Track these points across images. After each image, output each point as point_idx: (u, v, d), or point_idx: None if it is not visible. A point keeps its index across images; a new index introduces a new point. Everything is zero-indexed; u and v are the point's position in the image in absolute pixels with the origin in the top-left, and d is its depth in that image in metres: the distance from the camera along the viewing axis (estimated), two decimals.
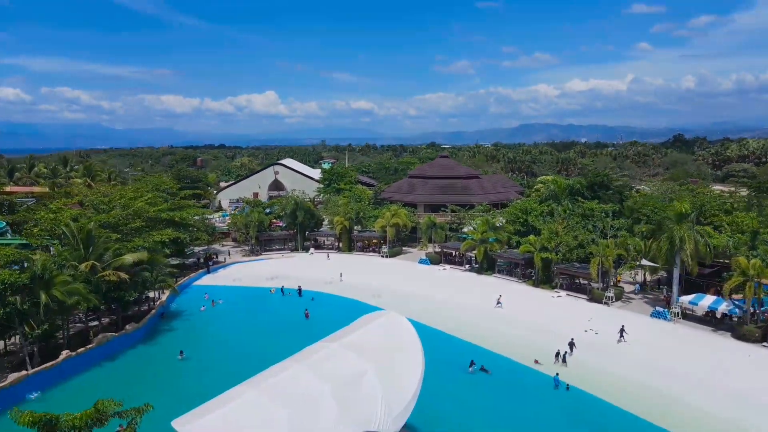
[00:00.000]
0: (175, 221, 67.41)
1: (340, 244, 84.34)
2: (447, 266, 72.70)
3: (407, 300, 59.04)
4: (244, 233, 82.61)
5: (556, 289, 60.10)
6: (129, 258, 45.59)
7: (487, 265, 68.63)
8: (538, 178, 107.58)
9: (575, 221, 63.04)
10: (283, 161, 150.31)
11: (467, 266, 71.71)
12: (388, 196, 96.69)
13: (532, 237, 62.37)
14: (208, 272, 71.86)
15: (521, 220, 70.64)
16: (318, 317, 53.02)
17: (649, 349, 43.82)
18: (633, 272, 61.06)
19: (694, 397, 35.93)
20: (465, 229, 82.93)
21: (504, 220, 69.91)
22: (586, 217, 63.40)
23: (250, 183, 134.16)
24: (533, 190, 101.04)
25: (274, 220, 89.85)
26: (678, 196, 67.71)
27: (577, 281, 61.60)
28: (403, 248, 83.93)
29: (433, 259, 74.52)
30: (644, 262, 55.86)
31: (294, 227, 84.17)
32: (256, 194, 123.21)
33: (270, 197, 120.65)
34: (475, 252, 69.98)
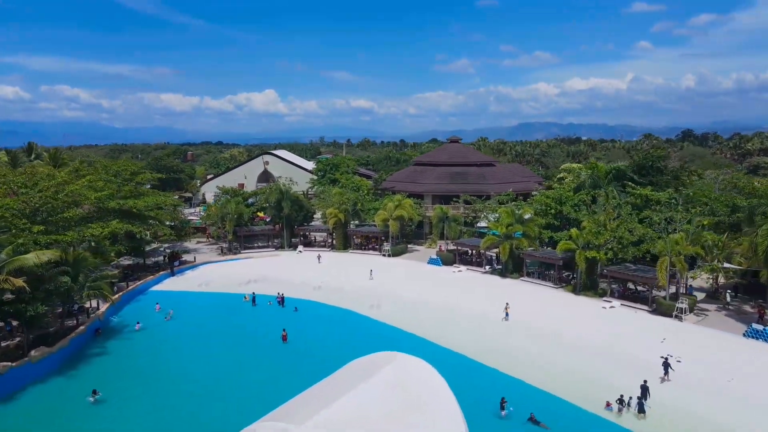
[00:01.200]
0: (128, 211, 54.53)
1: (334, 241, 71.50)
2: (462, 267, 59.83)
3: (415, 310, 46.28)
4: (220, 228, 69.74)
5: (605, 298, 47.22)
6: (32, 258, 32.71)
7: (512, 266, 55.79)
8: (561, 166, 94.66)
9: (627, 212, 50.18)
10: (275, 151, 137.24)
11: (487, 267, 58.81)
12: (390, 186, 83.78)
13: (573, 231, 49.50)
14: (172, 275, 58.99)
15: (553, 211, 57.79)
16: (299, 338, 40.31)
17: (764, 386, 30.97)
18: (709, 277, 48.07)
19: None
20: (481, 224, 70.10)
21: (531, 213, 57.00)
22: (641, 207, 50.56)
23: (237, 174, 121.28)
24: (555, 179, 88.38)
25: (259, 214, 76.98)
26: (748, 184, 54.73)
27: (632, 287, 48.76)
28: (408, 246, 71.08)
29: (446, 259, 61.66)
30: (726, 264, 42.99)
31: (279, 221, 71.30)
32: (241, 185, 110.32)
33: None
34: (497, 250, 57.17)
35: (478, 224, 70.29)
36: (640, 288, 47.96)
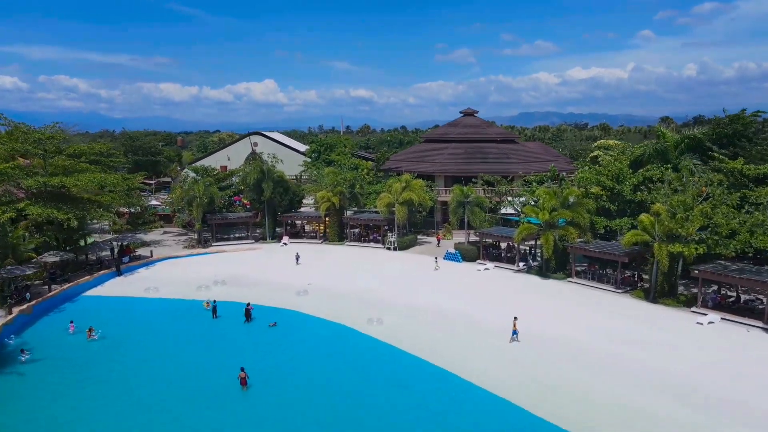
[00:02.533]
0: (57, 193, 41.67)
1: (327, 231, 58.61)
2: (489, 264, 46.92)
3: (431, 325, 33.58)
4: (188, 215, 56.93)
5: (694, 308, 34.39)
6: None
7: (556, 264, 42.96)
8: (596, 143, 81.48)
9: (721, 192, 37.23)
10: (264, 132, 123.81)
11: (522, 264, 45.89)
12: (395, 166, 70.69)
13: (645, 217, 36.55)
14: (118, 274, 46.13)
15: (607, 193, 44.86)
16: (268, 378, 27.47)
17: None
18: None
19: None
20: (507, 210, 57.19)
21: (578, 195, 43.89)
22: (737, 186, 37.63)
23: (222, 157, 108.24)
24: (588, 159, 75.59)
25: (239, 198, 64.09)
26: None
27: (731, 294, 35.97)
28: (418, 237, 58.23)
29: (467, 253, 48.78)
30: None
31: (260, 206, 58.38)
32: (224, 168, 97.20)
33: None
34: (531, 243, 44.42)
35: (503, 210, 57.38)
36: (747, 296, 35.13)
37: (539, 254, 46.13)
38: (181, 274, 46.43)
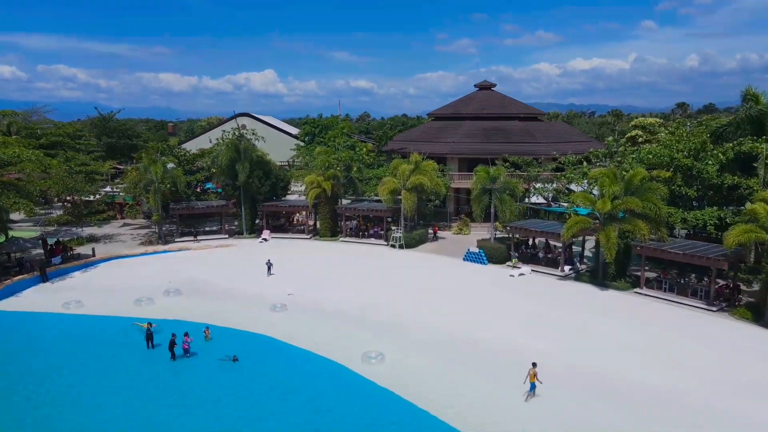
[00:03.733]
0: None
1: (318, 224, 47.92)
2: (524, 267, 36.21)
3: (453, 365, 22.86)
4: (144, 204, 46.34)
5: None
6: None
7: (615, 270, 32.28)
8: (633, 121, 70.63)
9: None
10: (254, 114, 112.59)
11: (568, 269, 35.17)
12: (399, 147, 59.86)
13: (761, 207, 25.85)
14: (44, 279, 35.45)
15: (681, 176, 34.11)
16: None
17: None
18: None
19: None
20: (534, 199, 46.68)
21: (645, 176, 33.00)
22: None
23: (204, 141, 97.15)
24: (623, 140, 65.13)
25: (219, 185, 53.46)
26: None
27: None
28: (429, 232, 47.58)
29: (494, 253, 38.10)
30: None
31: (234, 194, 47.68)
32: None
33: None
34: (582, 239, 33.76)
35: (532, 198, 46.82)
36: None
37: (587, 254, 35.50)
38: (125, 279, 35.73)
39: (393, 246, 43.08)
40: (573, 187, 43.00)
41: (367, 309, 29.62)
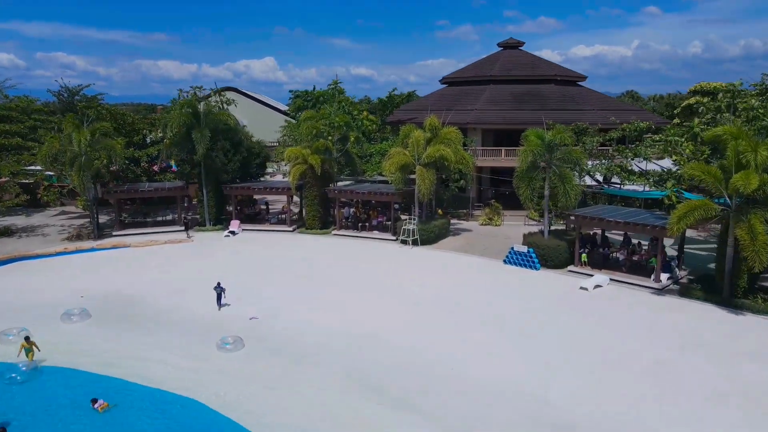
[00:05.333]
0: None
1: (305, 212, 36.38)
2: (598, 274, 24.77)
3: None
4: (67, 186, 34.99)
5: None
6: None
7: (747, 282, 20.94)
8: (692, 87, 58.88)
9: None
10: (241, 89, 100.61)
11: (666, 278, 23.75)
12: (408, 118, 48.13)
13: None
14: None
15: None
16: None
17: None
18: None
19: None
20: (620, 184, 35.35)
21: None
22: None
23: None
24: (677, 112, 54.14)
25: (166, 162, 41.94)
26: None
27: None
28: (452, 221, 36.11)
29: (550, 253, 26.64)
30: None
31: (193, 172, 36.23)
32: None
33: None
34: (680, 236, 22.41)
35: (610, 181, 35.39)
36: None
37: (681, 256, 24.24)
38: (14, 294, 24.37)
39: (404, 242, 31.70)
40: (635, 166, 31.60)
41: (376, 348, 18.39)
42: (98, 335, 20.15)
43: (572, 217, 26.28)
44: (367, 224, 35.13)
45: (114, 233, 34.32)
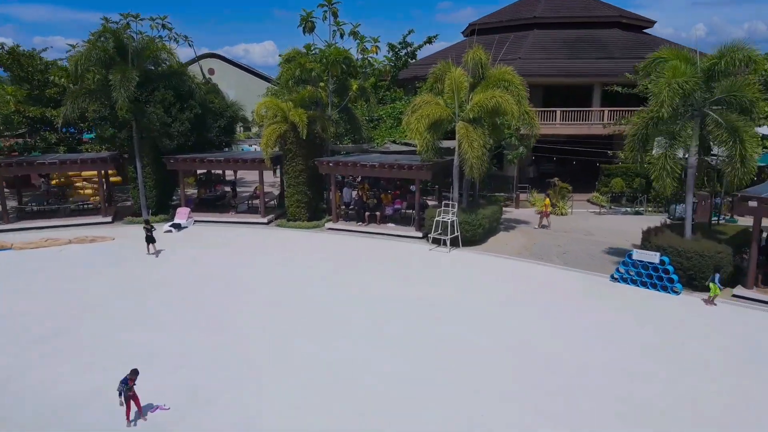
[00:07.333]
0: None
1: (286, 196, 24.91)
2: None
3: None
4: None
5: None
6: None
7: None
8: None
9: None
10: (226, 57, 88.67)
11: None
12: (425, 74, 36.46)
13: None
14: None
15: None
16: None
17: None
18: None
19: None
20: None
21: None
22: None
23: None
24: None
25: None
26: None
27: None
28: (503, 208, 24.68)
29: (696, 265, 15.28)
30: None
31: (116, 136, 24.75)
32: None
33: None
34: None
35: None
36: None
37: None
38: None
39: (436, 241, 20.40)
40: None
41: None
42: None
43: (752, 203, 14.79)
44: (377, 214, 23.75)
45: (0, 227, 23.00)
